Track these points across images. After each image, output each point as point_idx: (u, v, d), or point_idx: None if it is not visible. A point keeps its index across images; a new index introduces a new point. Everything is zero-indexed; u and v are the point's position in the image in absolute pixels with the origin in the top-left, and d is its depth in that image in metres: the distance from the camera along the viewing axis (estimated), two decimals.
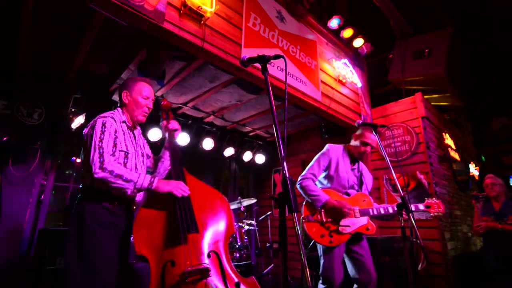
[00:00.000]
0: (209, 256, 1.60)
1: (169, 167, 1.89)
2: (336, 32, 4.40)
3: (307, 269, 0.98)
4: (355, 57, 4.89)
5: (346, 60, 4.43)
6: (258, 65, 1.36)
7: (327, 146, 2.58)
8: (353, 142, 2.55)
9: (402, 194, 1.89)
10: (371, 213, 2.35)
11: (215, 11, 2.60)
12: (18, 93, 3.38)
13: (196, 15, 2.50)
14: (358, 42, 4.62)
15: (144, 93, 1.83)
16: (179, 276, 1.46)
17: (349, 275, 2.36)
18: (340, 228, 2.27)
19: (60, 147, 3.89)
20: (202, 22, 2.55)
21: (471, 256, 4.43)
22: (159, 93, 3.74)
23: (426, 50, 4.77)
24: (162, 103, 2.11)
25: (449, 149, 4.85)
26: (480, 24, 6.21)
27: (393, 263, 3.17)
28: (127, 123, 1.79)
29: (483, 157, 8.07)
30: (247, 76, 3.05)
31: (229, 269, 1.61)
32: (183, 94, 3.85)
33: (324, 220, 2.29)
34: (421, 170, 4.15)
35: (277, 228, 1.12)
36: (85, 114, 3.42)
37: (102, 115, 1.68)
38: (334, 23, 4.26)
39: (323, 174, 2.53)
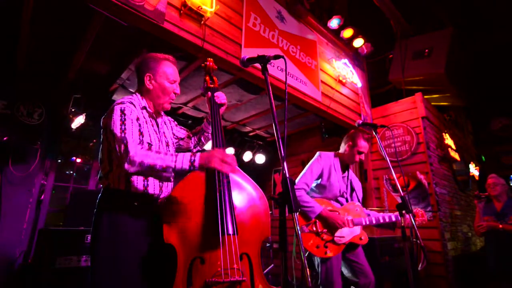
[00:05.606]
0: (241, 258, 1.41)
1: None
2: (336, 32, 4.40)
3: (307, 269, 0.98)
4: (355, 57, 4.89)
5: (346, 60, 4.42)
6: (258, 65, 1.36)
7: (318, 153, 2.54)
8: (346, 151, 2.52)
9: (402, 194, 1.90)
10: (364, 223, 2.36)
11: (215, 11, 2.60)
12: (18, 93, 3.38)
13: (196, 15, 2.50)
14: (358, 42, 4.62)
15: (171, 76, 1.56)
16: (207, 282, 1.31)
17: (347, 278, 2.37)
18: (335, 239, 2.26)
19: (60, 147, 3.90)
20: (202, 22, 2.55)
21: (471, 256, 4.43)
22: None
23: (426, 50, 4.77)
24: (206, 63, 1.78)
25: (449, 149, 4.85)
26: (480, 24, 6.21)
27: (393, 263, 3.17)
28: (148, 109, 1.54)
29: (483, 157, 8.07)
30: (247, 76, 3.05)
31: (258, 276, 1.43)
32: (183, 94, 3.85)
33: (320, 230, 2.28)
34: (421, 170, 4.15)
35: (277, 228, 1.10)
36: (85, 114, 3.42)
37: (119, 100, 1.44)
38: (334, 23, 4.26)
39: (315, 184, 2.50)
